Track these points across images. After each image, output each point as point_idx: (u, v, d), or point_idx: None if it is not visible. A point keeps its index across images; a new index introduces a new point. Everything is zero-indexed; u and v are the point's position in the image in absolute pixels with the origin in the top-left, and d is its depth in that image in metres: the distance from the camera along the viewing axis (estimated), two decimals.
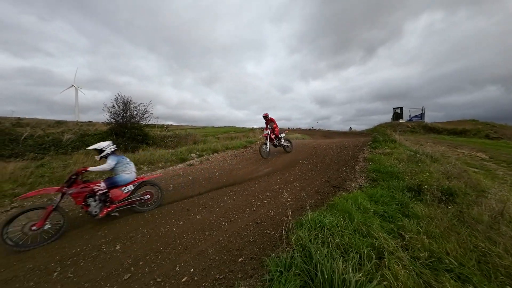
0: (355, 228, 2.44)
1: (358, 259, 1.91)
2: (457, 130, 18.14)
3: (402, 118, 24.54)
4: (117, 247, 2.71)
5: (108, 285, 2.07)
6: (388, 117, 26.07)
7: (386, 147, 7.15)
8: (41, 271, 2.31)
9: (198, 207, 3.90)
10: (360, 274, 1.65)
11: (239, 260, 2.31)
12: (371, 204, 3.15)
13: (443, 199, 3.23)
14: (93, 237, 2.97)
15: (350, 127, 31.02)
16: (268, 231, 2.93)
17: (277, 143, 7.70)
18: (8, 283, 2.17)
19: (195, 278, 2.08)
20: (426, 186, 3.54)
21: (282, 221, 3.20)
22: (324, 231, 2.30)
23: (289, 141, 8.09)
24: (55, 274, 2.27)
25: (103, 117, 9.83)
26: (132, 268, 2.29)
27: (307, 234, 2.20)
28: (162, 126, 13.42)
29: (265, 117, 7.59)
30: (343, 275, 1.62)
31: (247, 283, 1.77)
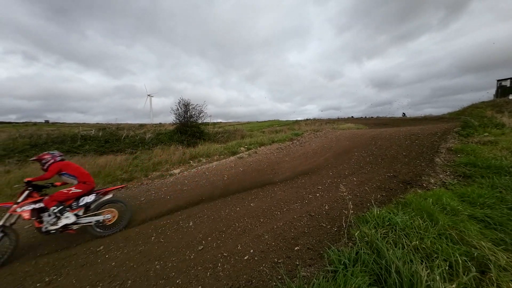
0: (440, 231, 1.99)
1: (447, 267, 1.56)
2: None
3: None
4: (190, 223, 3.28)
5: (187, 252, 2.56)
6: (486, 95, 19.17)
7: (485, 134, 5.35)
8: (144, 235, 3.11)
9: (251, 196, 4.17)
10: (454, 286, 1.34)
11: (296, 248, 2.34)
12: (463, 206, 2.47)
13: None
14: (172, 215, 3.71)
15: (403, 113, 25.44)
16: (324, 225, 2.81)
17: (50, 227, 2.94)
18: (126, 239, 3.04)
19: (255, 258, 2.27)
20: None
21: (338, 216, 3.00)
22: (395, 230, 2.00)
23: (121, 203, 3.55)
24: (152, 238, 3.00)
25: (170, 118, 11.94)
26: (203, 242, 2.73)
27: (373, 231, 1.97)
28: (214, 123, 15.02)
29: (40, 160, 3.11)
30: (427, 282, 1.37)
31: (308, 271, 1.78)
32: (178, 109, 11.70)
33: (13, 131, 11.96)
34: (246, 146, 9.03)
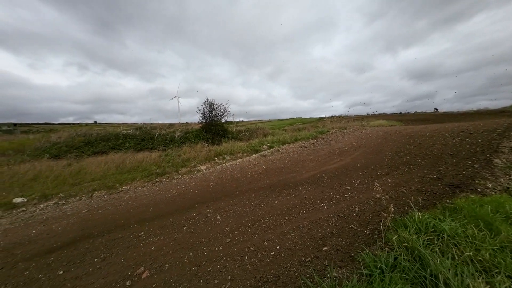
0: (503, 244, 1.69)
1: None
2: None
3: None
4: (218, 217, 3.45)
5: (216, 243, 2.70)
6: None
7: None
8: (177, 225, 3.39)
9: (275, 194, 4.17)
10: None
11: (324, 249, 2.27)
12: None
13: None
14: (201, 208, 3.95)
15: (436, 109, 22.70)
16: (354, 227, 2.66)
17: None
18: (162, 227, 3.35)
19: (282, 254, 2.27)
20: None
21: (371, 218, 2.80)
22: (442, 238, 1.78)
23: None
24: (184, 228, 3.25)
25: (196, 118, 12.68)
26: (231, 235, 2.84)
27: (414, 237, 1.79)
28: (237, 122, 15.45)
29: None
30: None
31: (340, 272, 1.71)
32: (203, 108, 12.34)
33: (71, 130, 14.23)
34: (268, 144, 9.04)
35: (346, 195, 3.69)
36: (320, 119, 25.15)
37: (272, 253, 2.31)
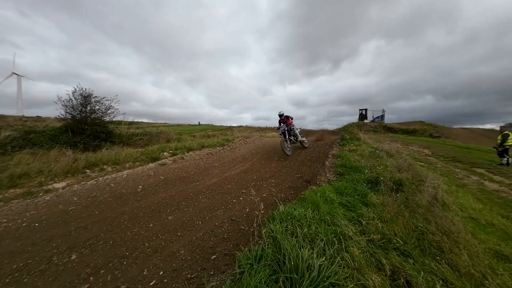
0: (322, 218, 2.65)
1: (322, 245, 2.09)
2: (409, 130, 21.10)
3: (366, 118, 27.33)
4: (73, 257, 2.42)
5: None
6: (355, 118, 28.73)
7: (352, 145, 7.87)
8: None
9: (171, 208, 3.72)
10: (323, 259, 1.81)
11: (212, 257, 2.30)
12: (336, 196, 3.45)
13: (394, 188, 3.73)
14: (46, 246, 2.58)
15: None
16: (243, 227, 2.97)
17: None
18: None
19: (165, 280, 2.00)
20: (381, 178, 4.03)
21: (256, 216, 3.28)
22: (293, 222, 2.45)
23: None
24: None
25: (57, 111, 8.50)
26: (91, 278, 2.08)
27: (278, 226, 2.31)
28: (131, 123, 12.40)
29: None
30: (308, 261, 1.75)
31: (218, 279, 1.78)
32: (71, 100, 8.55)
33: None
34: (171, 151, 8.05)
35: (241, 198, 4.09)
36: (230, 127, 26.89)
37: (151, 283, 1.96)
